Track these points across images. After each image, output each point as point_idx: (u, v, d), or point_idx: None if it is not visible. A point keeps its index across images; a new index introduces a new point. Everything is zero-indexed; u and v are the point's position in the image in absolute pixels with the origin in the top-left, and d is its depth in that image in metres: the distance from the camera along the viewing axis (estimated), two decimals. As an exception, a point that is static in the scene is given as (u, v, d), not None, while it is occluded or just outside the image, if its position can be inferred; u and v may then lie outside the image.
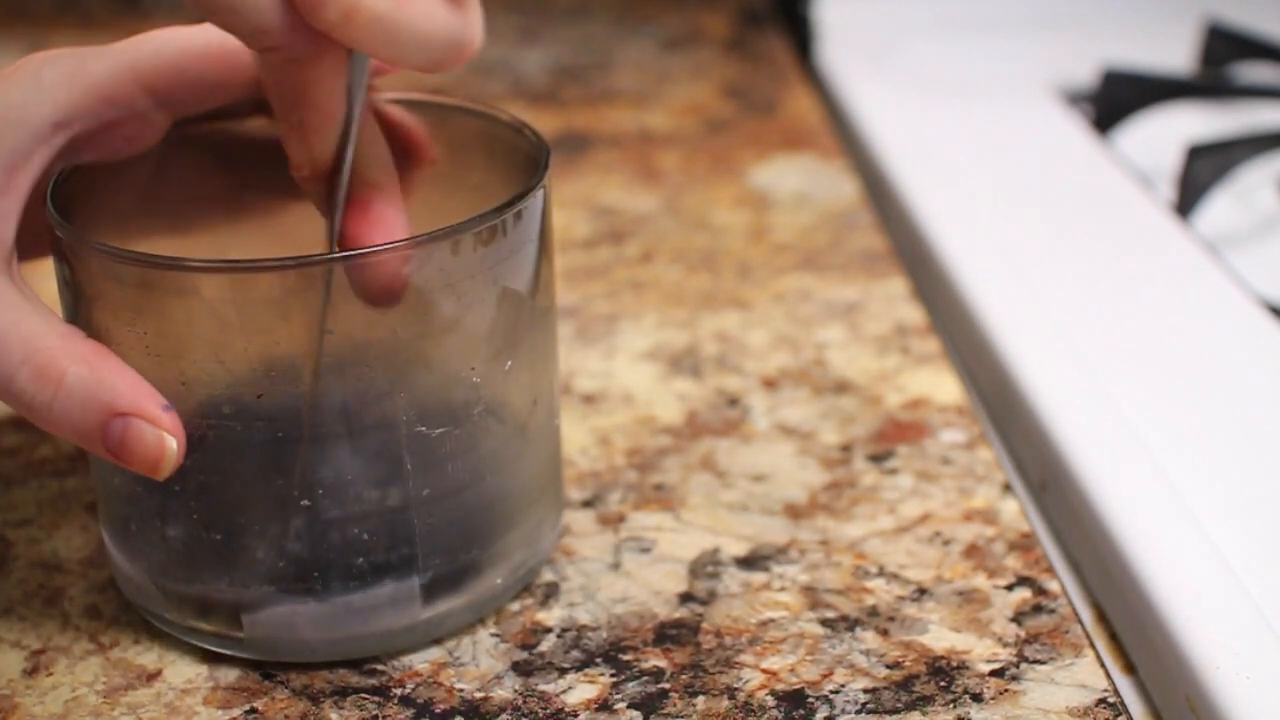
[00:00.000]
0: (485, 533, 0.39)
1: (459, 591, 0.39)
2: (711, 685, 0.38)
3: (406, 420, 0.36)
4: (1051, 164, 0.69)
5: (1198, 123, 0.73)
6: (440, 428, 0.37)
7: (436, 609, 0.38)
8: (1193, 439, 0.47)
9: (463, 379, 0.37)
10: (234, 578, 0.37)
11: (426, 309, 0.35)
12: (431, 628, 0.39)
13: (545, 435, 0.41)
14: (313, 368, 0.35)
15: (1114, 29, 0.87)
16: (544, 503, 0.41)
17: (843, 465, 0.47)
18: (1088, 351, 0.52)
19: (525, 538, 0.40)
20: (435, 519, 0.37)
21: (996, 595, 0.41)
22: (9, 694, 0.38)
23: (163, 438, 0.34)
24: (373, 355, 0.36)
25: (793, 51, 0.86)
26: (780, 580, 0.42)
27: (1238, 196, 0.67)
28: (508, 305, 0.37)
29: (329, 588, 0.37)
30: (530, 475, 0.40)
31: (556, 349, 0.41)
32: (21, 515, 0.45)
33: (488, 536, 0.39)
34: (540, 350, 0.39)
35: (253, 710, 0.37)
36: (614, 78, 0.83)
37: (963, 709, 0.37)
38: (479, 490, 0.38)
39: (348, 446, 0.36)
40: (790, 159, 0.71)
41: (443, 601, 0.38)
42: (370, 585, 0.37)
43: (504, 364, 0.38)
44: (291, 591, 0.37)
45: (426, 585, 0.38)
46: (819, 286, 0.58)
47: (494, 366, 0.37)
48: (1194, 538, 0.42)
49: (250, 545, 0.37)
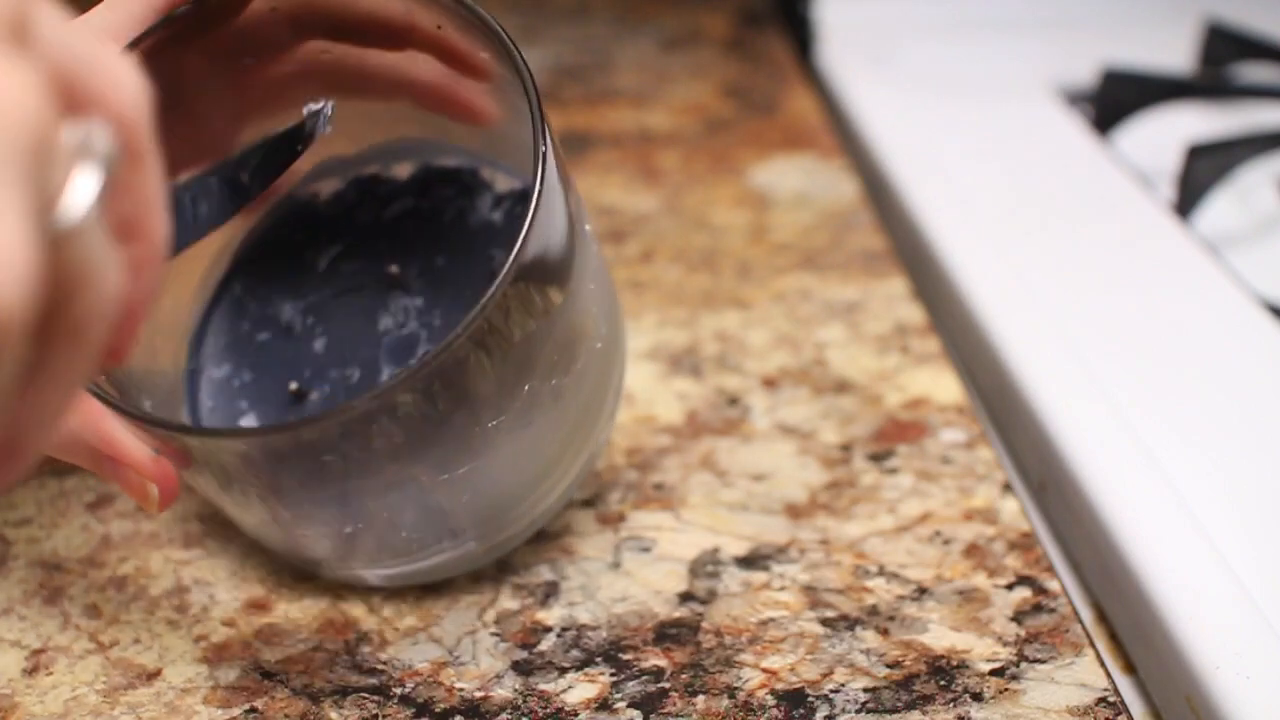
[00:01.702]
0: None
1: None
2: (711, 684, 0.38)
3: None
4: (1051, 164, 0.69)
5: (1198, 123, 0.73)
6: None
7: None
8: (1192, 439, 0.47)
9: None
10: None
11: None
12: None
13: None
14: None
15: (1114, 29, 0.87)
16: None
17: (843, 465, 0.47)
18: (1088, 351, 0.52)
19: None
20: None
21: (996, 595, 0.41)
22: (9, 693, 0.38)
23: (143, 485, 0.35)
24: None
25: (793, 51, 0.86)
26: (780, 580, 0.42)
27: (1238, 196, 0.67)
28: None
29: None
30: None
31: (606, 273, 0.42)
32: (21, 515, 0.45)
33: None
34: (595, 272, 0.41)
35: (253, 710, 0.37)
36: (614, 78, 0.83)
37: (963, 708, 0.37)
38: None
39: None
40: (790, 159, 0.71)
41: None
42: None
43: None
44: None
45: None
46: (819, 286, 0.58)
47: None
48: (1194, 538, 0.42)
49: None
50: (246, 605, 0.41)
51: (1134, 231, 0.62)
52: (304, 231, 0.47)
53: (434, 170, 0.46)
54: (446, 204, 0.46)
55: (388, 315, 0.46)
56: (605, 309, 0.40)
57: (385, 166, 0.46)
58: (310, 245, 0.47)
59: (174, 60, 0.39)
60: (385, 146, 0.46)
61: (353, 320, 0.46)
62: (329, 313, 0.46)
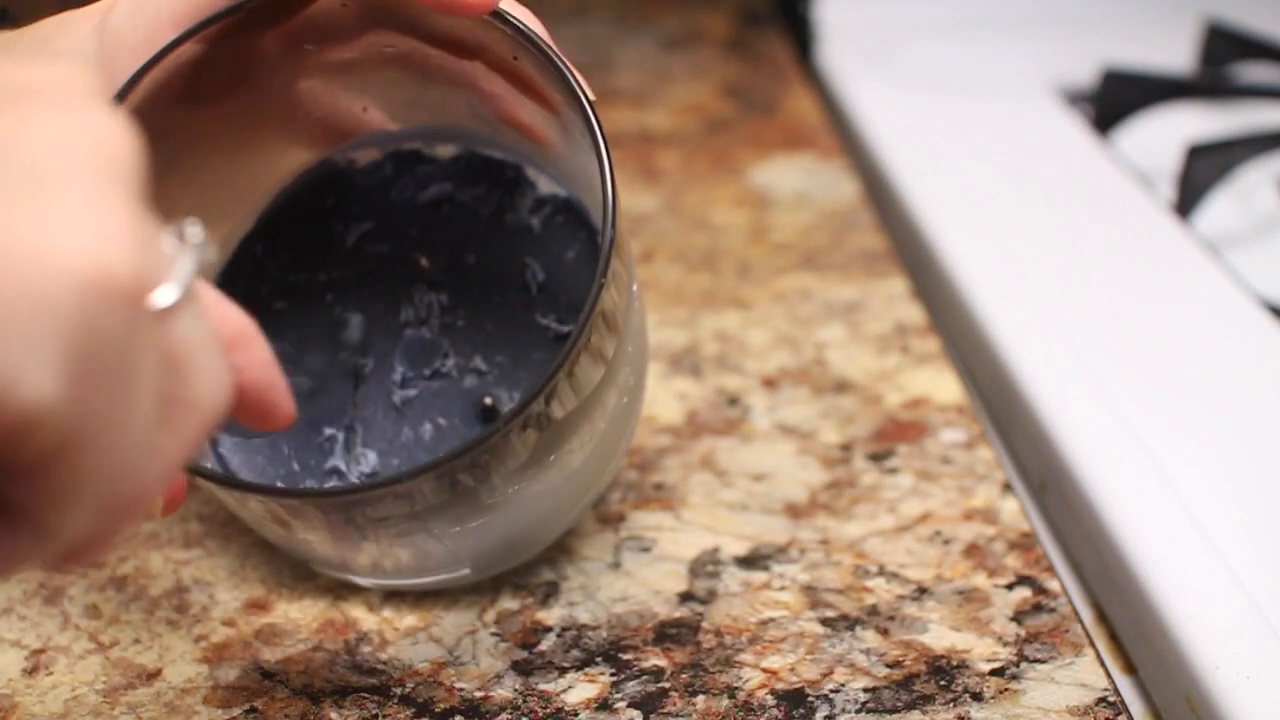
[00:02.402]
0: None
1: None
2: (711, 684, 0.38)
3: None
4: (1051, 164, 0.69)
5: (1198, 123, 0.73)
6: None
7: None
8: (1192, 439, 0.47)
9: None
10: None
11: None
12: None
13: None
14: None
15: (1114, 29, 0.87)
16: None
17: (843, 465, 0.47)
18: (1088, 351, 0.52)
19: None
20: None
21: (996, 594, 0.41)
22: (9, 693, 0.38)
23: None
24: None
25: (793, 51, 0.86)
26: (780, 580, 0.42)
27: (1238, 196, 0.67)
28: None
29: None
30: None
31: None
32: (21, 515, 0.45)
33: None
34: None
35: (253, 710, 0.37)
36: (614, 77, 0.83)
37: (963, 708, 0.36)
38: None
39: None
40: (790, 159, 0.71)
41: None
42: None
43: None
44: None
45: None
46: (819, 286, 0.58)
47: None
48: (1194, 538, 0.42)
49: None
50: (246, 605, 0.41)
51: (1134, 231, 0.62)
52: (335, 197, 0.45)
53: (477, 157, 0.45)
54: (484, 198, 0.45)
55: (410, 307, 0.45)
56: (638, 365, 0.40)
57: (428, 144, 0.45)
58: (339, 215, 0.45)
59: (242, 42, 0.39)
60: (432, 128, 0.45)
61: (374, 304, 0.45)
62: (350, 292, 0.45)
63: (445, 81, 0.41)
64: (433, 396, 0.45)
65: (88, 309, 0.20)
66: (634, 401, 0.40)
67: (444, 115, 0.43)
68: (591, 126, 0.35)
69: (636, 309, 0.39)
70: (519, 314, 0.45)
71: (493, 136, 0.44)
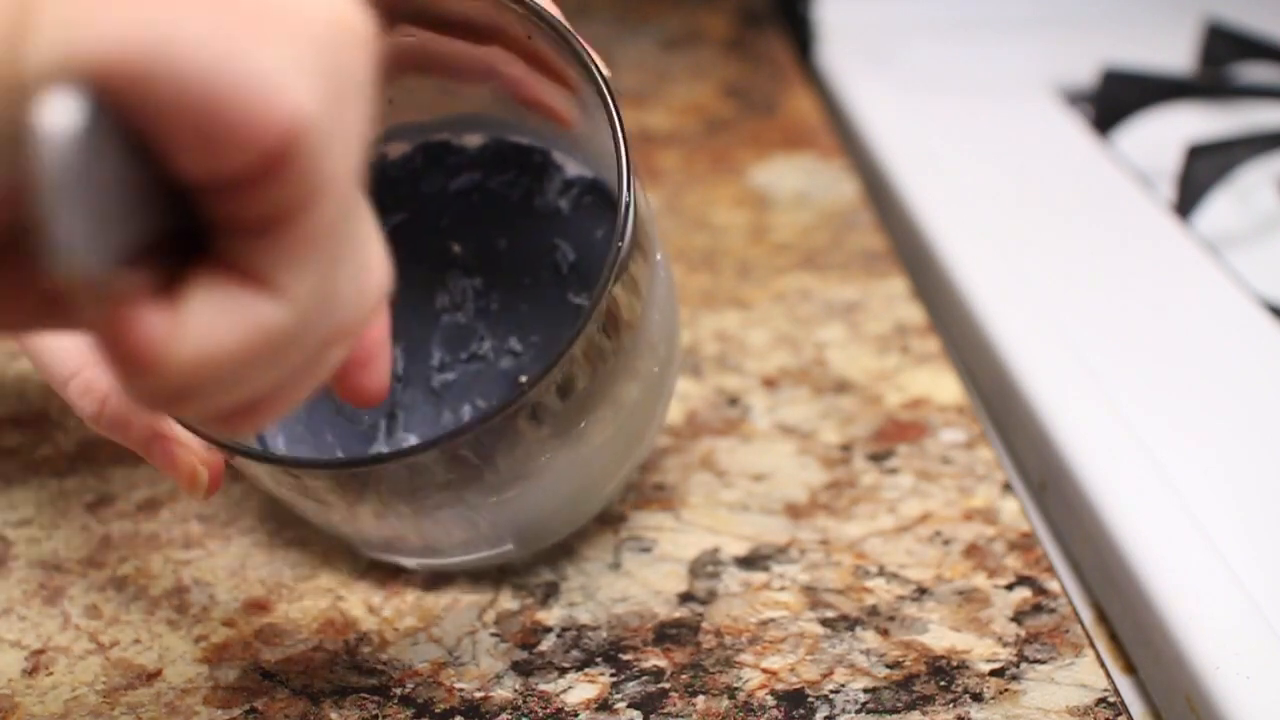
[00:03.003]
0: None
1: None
2: (711, 685, 0.38)
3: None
4: (1051, 164, 0.69)
5: (1198, 123, 0.73)
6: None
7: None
8: (1192, 439, 0.47)
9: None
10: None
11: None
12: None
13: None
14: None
15: (1114, 29, 0.87)
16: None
17: (843, 465, 0.47)
18: (1088, 352, 0.52)
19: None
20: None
21: (996, 595, 0.41)
22: (9, 694, 0.38)
23: (194, 465, 0.36)
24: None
25: (793, 51, 0.86)
26: (780, 580, 0.42)
27: (1238, 196, 0.67)
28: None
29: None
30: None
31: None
32: (21, 515, 0.45)
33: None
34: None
35: (253, 710, 0.37)
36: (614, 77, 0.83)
37: (963, 708, 0.36)
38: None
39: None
40: (790, 159, 0.71)
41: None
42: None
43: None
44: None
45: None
46: (819, 286, 0.58)
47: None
48: (1194, 538, 0.42)
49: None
50: (246, 605, 0.41)
51: (1134, 231, 0.62)
52: (368, 191, 0.46)
53: (505, 144, 0.46)
54: (513, 184, 0.46)
55: (445, 293, 0.46)
56: (666, 333, 0.40)
57: (456, 134, 0.46)
58: (373, 209, 0.46)
59: None
60: (458, 117, 0.45)
61: (409, 291, 0.46)
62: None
63: (465, 68, 0.42)
64: (471, 379, 0.46)
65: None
66: (666, 370, 0.41)
67: (468, 104, 0.44)
68: (604, 96, 0.36)
69: (662, 278, 0.39)
70: (551, 294, 0.46)
71: (519, 122, 0.44)
